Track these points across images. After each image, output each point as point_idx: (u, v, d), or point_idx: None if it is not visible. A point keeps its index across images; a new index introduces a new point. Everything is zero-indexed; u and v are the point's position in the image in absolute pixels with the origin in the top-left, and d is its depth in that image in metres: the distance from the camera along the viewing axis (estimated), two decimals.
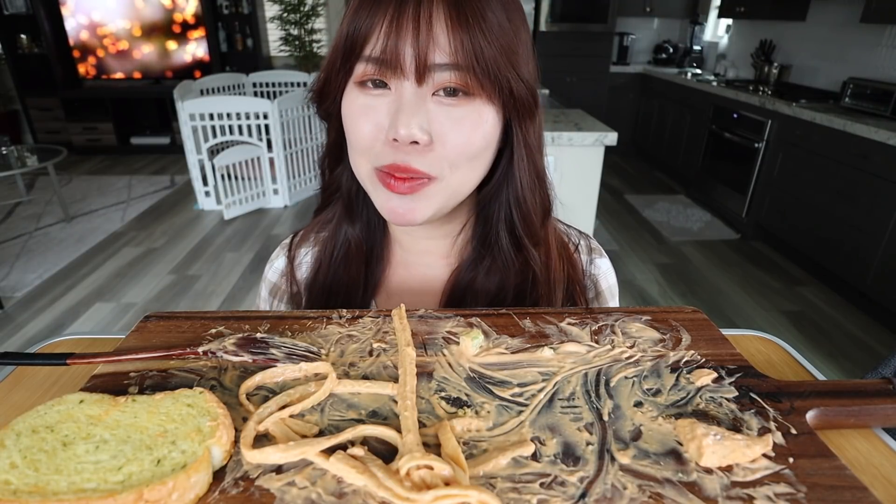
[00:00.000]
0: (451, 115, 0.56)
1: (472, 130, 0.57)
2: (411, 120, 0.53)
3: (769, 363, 0.53)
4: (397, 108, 0.55)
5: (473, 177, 0.61)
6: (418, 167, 0.56)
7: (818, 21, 4.04)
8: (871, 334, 2.81)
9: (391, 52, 0.53)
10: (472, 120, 0.56)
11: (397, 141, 0.55)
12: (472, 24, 0.53)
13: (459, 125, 0.56)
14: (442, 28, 0.52)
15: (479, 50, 0.53)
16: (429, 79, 0.54)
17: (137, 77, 5.93)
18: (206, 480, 0.34)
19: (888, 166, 2.75)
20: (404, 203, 0.58)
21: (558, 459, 0.37)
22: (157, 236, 3.93)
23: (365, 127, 0.57)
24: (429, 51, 0.53)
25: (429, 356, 0.48)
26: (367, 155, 0.59)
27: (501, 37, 0.54)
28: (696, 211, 4.56)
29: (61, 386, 0.48)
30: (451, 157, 0.57)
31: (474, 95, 0.56)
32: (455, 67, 0.53)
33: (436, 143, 0.56)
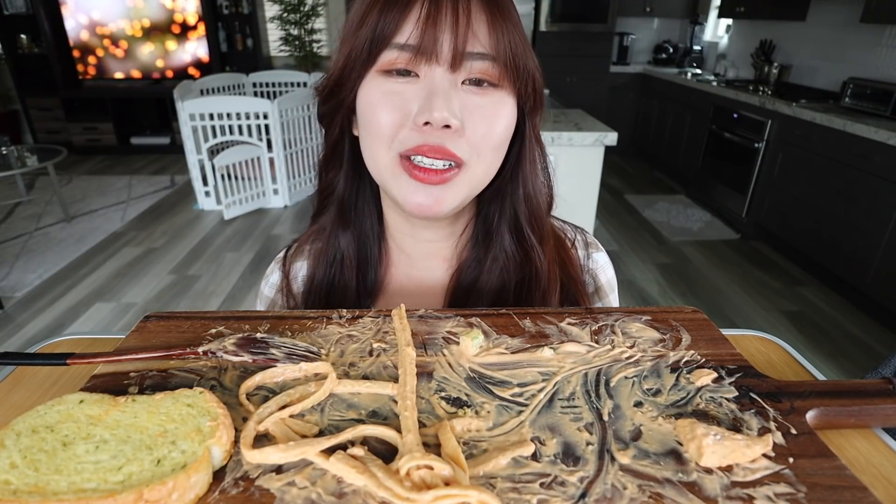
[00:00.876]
0: (478, 103, 0.57)
1: (496, 120, 0.58)
2: (447, 104, 0.54)
3: (769, 363, 0.53)
4: (429, 93, 0.55)
5: (493, 168, 0.62)
6: (451, 148, 0.56)
7: (818, 21, 4.04)
8: (870, 334, 2.81)
9: (429, 40, 0.54)
10: (495, 110, 0.58)
11: (428, 125, 0.55)
12: (506, 19, 0.56)
13: (485, 114, 0.57)
14: (480, 19, 0.55)
15: (510, 43, 0.56)
16: (463, 66, 0.55)
17: (137, 77, 5.93)
18: (206, 480, 0.34)
19: (888, 166, 2.75)
20: (430, 195, 0.58)
21: (558, 459, 0.37)
22: (157, 236, 3.93)
23: (390, 114, 0.57)
24: (467, 40, 0.54)
25: (429, 356, 0.48)
26: (391, 143, 0.58)
27: (521, 32, 0.58)
28: (696, 211, 4.57)
29: (61, 386, 0.48)
30: (478, 144, 0.58)
31: (498, 87, 0.58)
32: (489, 58, 0.56)
33: (465, 129, 0.57)
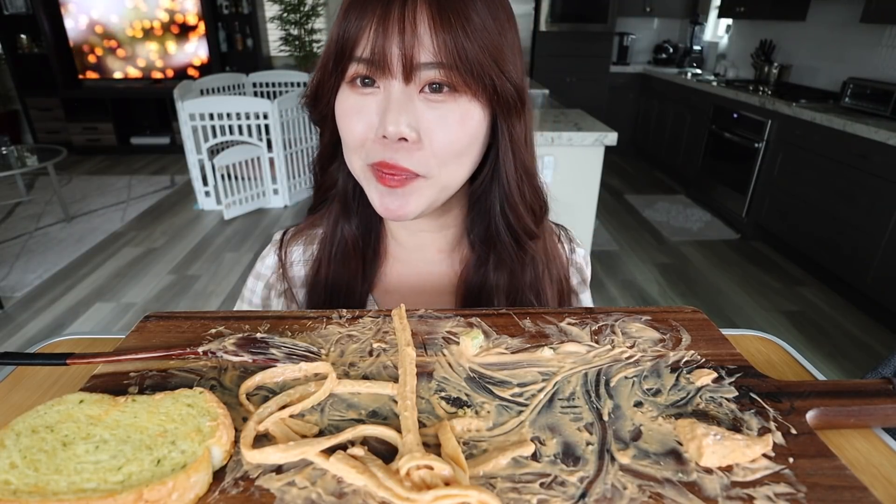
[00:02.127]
0: (438, 111, 0.57)
1: (458, 127, 0.58)
2: (399, 118, 0.55)
3: (769, 363, 0.53)
4: (386, 106, 0.56)
5: (462, 172, 0.63)
6: (406, 165, 0.58)
7: (818, 21, 4.04)
8: (871, 334, 2.81)
9: (379, 53, 0.55)
10: (457, 117, 0.58)
11: (386, 138, 0.57)
12: (455, 25, 0.54)
13: (446, 122, 0.58)
14: (426, 28, 0.54)
15: (462, 48, 0.55)
16: (415, 77, 0.56)
17: (137, 77, 5.93)
18: (206, 480, 0.34)
19: (888, 166, 2.75)
20: (396, 199, 0.60)
21: (558, 459, 0.37)
22: (156, 236, 3.93)
23: (357, 126, 0.59)
24: (414, 50, 0.55)
25: (429, 356, 0.48)
26: (360, 152, 0.61)
27: (485, 36, 0.56)
28: (696, 211, 4.57)
29: (61, 386, 0.48)
30: (439, 154, 0.59)
31: (459, 93, 0.57)
32: (439, 66, 0.55)
33: (423, 141, 0.58)
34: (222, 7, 5.89)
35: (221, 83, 4.99)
